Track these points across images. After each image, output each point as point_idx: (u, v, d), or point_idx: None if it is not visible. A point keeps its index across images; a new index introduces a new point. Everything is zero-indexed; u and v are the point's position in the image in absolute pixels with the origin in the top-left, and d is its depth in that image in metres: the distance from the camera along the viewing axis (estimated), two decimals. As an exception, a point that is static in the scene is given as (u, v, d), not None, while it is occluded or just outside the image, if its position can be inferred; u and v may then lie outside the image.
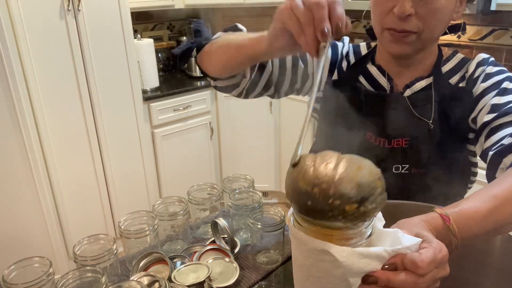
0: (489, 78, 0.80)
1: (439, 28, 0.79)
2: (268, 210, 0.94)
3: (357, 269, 0.45)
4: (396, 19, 0.76)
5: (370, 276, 0.46)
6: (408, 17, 0.75)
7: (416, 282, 0.46)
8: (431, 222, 0.54)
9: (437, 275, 0.48)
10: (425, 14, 0.75)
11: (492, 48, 2.24)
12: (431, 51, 0.86)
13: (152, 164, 2.52)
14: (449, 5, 0.76)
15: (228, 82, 0.88)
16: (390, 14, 0.77)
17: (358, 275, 0.46)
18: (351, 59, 0.94)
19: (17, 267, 0.74)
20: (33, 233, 2.03)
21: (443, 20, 0.78)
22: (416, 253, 0.46)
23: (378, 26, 0.81)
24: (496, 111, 0.75)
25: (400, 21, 0.76)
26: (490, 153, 0.72)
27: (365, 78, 0.91)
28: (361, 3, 2.32)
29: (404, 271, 0.46)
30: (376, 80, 0.90)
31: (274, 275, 0.87)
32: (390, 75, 0.89)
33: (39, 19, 1.85)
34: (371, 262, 0.46)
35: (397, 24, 0.76)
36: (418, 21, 0.76)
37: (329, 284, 0.47)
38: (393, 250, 0.46)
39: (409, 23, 0.76)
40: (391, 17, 0.77)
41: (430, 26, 0.77)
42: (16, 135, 1.85)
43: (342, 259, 0.44)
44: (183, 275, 0.79)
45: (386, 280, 0.45)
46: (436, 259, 0.47)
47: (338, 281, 0.46)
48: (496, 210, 0.56)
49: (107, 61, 2.11)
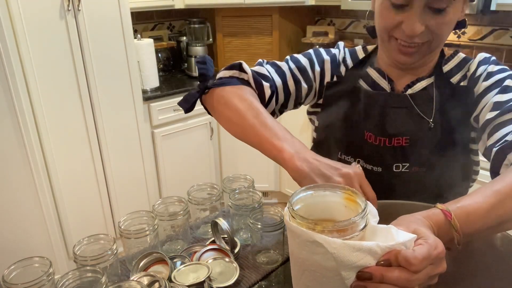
0: (490, 76, 0.80)
1: (447, 36, 0.80)
2: (268, 210, 0.94)
3: (349, 262, 0.46)
4: (406, 35, 0.76)
5: (365, 272, 0.46)
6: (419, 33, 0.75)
7: (409, 279, 0.46)
8: (432, 218, 0.54)
9: (432, 272, 0.48)
10: (435, 27, 0.75)
11: (492, 48, 2.24)
12: (434, 55, 0.86)
13: (152, 164, 2.52)
14: (457, 13, 0.76)
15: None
16: (398, 28, 0.77)
17: (350, 269, 0.46)
18: (349, 63, 0.94)
19: (17, 267, 0.74)
20: (33, 233, 2.03)
21: (451, 27, 0.78)
22: (410, 250, 0.47)
23: (385, 34, 0.80)
24: (499, 108, 0.75)
25: (410, 38, 0.76)
26: (494, 149, 0.72)
27: (365, 81, 0.91)
28: (361, 3, 2.32)
29: (398, 267, 0.46)
30: (377, 83, 0.90)
31: (274, 275, 0.86)
32: (391, 77, 0.89)
33: (39, 19, 1.85)
34: (363, 256, 0.46)
35: (407, 38, 0.76)
36: (428, 33, 0.76)
37: (323, 278, 0.48)
38: (386, 246, 0.47)
39: (419, 36, 0.76)
40: (399, 31, 0.77)
41: (439, 36, 0.77)
42: (16, 135, 1.85)
43: (333, 251, 0.45)
44: (183, 275, 0.79)
45: (380, 276, 0.46)
46: (430, 256, 0.47)
47: (331, 275, 0.47)
48: (498, 206, 0.56)
49: (107, 61, 2.11)
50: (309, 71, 0.93)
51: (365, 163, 0.88)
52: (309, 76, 0.93)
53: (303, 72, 0.93)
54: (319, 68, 0.94)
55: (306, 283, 0.51)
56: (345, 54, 0.96)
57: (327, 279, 0.48)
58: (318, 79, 0.94)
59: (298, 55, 0.95)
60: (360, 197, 0.52)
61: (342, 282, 0.47)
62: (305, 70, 0.93)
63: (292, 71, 0.92)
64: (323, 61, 0.94)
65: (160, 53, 2.88)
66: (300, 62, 0.93)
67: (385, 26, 0.78)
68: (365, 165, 0.88)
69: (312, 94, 0.96)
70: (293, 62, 0.94)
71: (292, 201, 0.52)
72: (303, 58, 0.94)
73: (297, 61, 0.94)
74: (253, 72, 0.87)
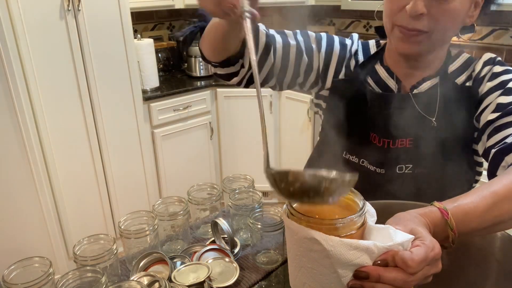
0: (495, 77, 0.80)
1: (450, 30, 0.79)
2: (268, 210, 0.94)
3: (345, 260, 0.46)
4: (408, 17, 0.75)
5: (362, 271, 0.47)
6: (420, 16, 0.74)
7: (406, 280, 0.47)
8: (429, 216, 0.55)
9: (428, 272, 0.49)
10: (437, 14, 0.74)
11: (492, 48, 2.24)
12: (441, 54, 0.85)
13: (152, 164, 2.52)
14: (463, 7, 0.75)
15: (227, 70, 0.87)
16: (402, 11, 0.76)
17: (347, 267, 0.47)
18: (360, 57, 0.93)
19: (17, 267, 0.74)
20: (33, 233, 2.03)
21: (455, 22, 0.77)
22: (407, 252, 0.47)
23: (389, 23, 0.80)
24: (501, 110, 0.75)
25: (412, 19, 0.75)
26: (493, 150, 0.72)
27: (373, 79, 0.90)
28: (361, 3, 2.32)
29: (395, 268, 0.47)
30: (385, 82, 0.89)
31: (274, 275, 0.87)
32: (399, 77, 0.88)
33: (39, 19, 1.85)
34: (360, 255, 0.46)
35: (408, 22, 0.76)
36: (429, 20, 0.75)
37: (320, 275, 0.48)
38: (383, 246, 0.47)
39: (420, 22, 0.75)
40: (402, 15, 0.76)
41: (441, 26, 0.76)
42: (16, 135, 1.85)
43: (329, 248, 0.45)
44: (183, 275, 0.79)
45: (377, 276, 0.46)
46: (427, 257, 0.47)
47: (328, 272, 0.47)
48: (495, 206, 0.57)
49: (107, 61, 2.11)
50: (315, 50, 0.91)
51: (369, 164, 0.88)
52: (313, 55, 0.91)
53: (308, 48, 0.91)
54: (325, 54, 0.92)
55: (302, 280, 0.51)
56: (358, 47, 0.95)
57: (323, 276, 0.48)
58: (322, 63, 0.92)
59: (309, 32, 0.93)
60: (359, 196, 0.52)
61: (338, 280, 0.47)
62: (311, 49, 0.91)
63: (298, 41, 0.90)
64: (332, 49, 0.92)
65: (160, 53, 2.88)
66: (308, 38, 0.91)
67: (391, 10, 0.78)
68: (368, 166, 0.88)
69: (313, 76, 0.93)
70: (302, 35, 0.92)
71: None
72: (313, 36, 0.92)
73: (305, 35, 0.92)
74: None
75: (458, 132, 0.84)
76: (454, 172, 0.85)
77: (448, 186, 0.85)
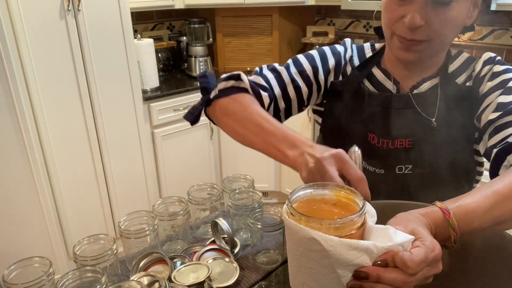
0: (495, 76, 0.80)
1: (450, 36, 0.79)
2: (268, 210, 0.94)
3: (345, 260, 0.46)
4: (406, 28, 0.75)
5: (361, 271, 0.47)
6: (418, 27, 0.74)
7: (405, 281, 0.46)
8: (430, 216, 0.54)
9: (428, 273, 0.48)
10: (436, 24, 0.74)
11: (492, 48, 2.24)
12: (441, 56, 0.85)
13: (152, 164, 2.52)
14: (462, 13, 0.75)
15: None
16: (400, 21, 0.76)
17: (346, 268, 0.47)
18: (355, 61, 0.93)
19: (17, 267, 0.74)
20: (33, 233, 2.03)
21: (455, 28, 0.77)
22: (407, 253, 0.47)
23: (388, 30, 0.80)
24: (501, 109, 0.74)
25: (410, 31, 0.75)
26: (495, 150, 0.72)
27: (370, 82, 0.90)
28: (361, 3, 2.32)
29: (394, 268, 0.47)
30: (382, 84, 0.89)
31: (274, 275, 0.87)
32: (397, 79, 0.88)
33: (39, 19, 1.85)
34: (360, 255, 0.46)
35: (406, 33, 0.76)
36: (429, 30, 0.74)
37: (319, 275, 0.48)
38: (383, 246, 0.47)
39: (419, 33, 0.75)
40: (401, 25, 0.76)
41: (441, 35, 0.76)
42: (16, 135, 1.85)
43: (329, 248, 0.45)
44: (183, 275, 0.79)
45: (377, 276, 0.46)
46: (427, 258, 0.47)
47: (327, 272, 0.47)
48: (496, 206, 0.56)
49: (107, 61, 2.11)
50: (312, 78, 0.92)
51: (368, 165, 0.88)
52: (311, 82, 0.92)
53: (305, 79, 0.91)
54: (323, 77, 0.93)
55: (302, 280, 0.51)
56: (352, 52, 0.95)
57: (323, 276, 0.48)
58: (322, 85, 0.93)
59: (302, 59, 0.93)
60: (359, 196, 0.52)
61: (338, 280, 0.47)
62: (308, 77, 0.91)
63: (292, 77, 0.91)
64: (328, 70, 0.93)
65: (160, 53, 2.88)
66: (303, 68, 0.92)
67: (389, 19, 0.78)
68: (368, 166, 0.88)
69: (314, 96, 0.95)
70: (296, 67, 0.92)
71: (291, 199, 0.53)
72: (306, 63, 0.92)
73: (300, 66, 0.92)
74: (251, 82, 0.86)
75: (458, 132, 0.83)
76: (454, 172, 0.85)
77: (449, 187, 0.85)
